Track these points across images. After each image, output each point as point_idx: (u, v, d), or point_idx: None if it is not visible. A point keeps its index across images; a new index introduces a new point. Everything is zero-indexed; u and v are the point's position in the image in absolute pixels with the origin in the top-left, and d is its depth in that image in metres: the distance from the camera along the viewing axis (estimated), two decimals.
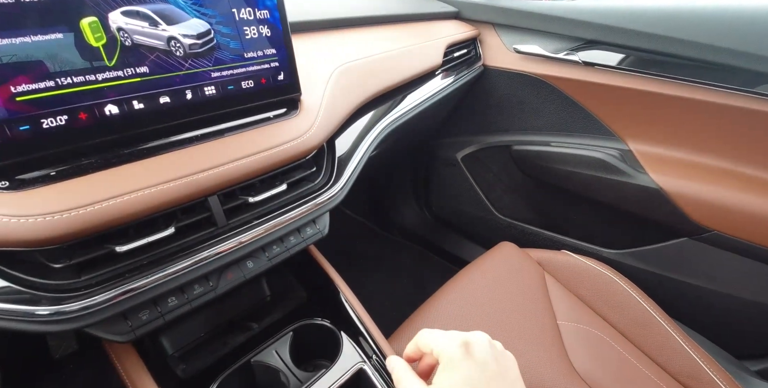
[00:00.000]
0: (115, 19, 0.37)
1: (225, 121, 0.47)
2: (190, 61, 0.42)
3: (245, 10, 0.45)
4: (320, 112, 0.54)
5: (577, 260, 0.80)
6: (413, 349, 0.38)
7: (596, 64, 0.79)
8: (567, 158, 0.87)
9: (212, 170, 0.41)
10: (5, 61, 0.32)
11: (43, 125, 0.35)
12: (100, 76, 0.37)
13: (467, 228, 1.25)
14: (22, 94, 0.33)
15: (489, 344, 0.34)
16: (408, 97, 0.76)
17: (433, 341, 0.34)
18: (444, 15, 0.94)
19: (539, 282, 0.78)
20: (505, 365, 0.33)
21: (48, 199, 0.33)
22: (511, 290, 0.74)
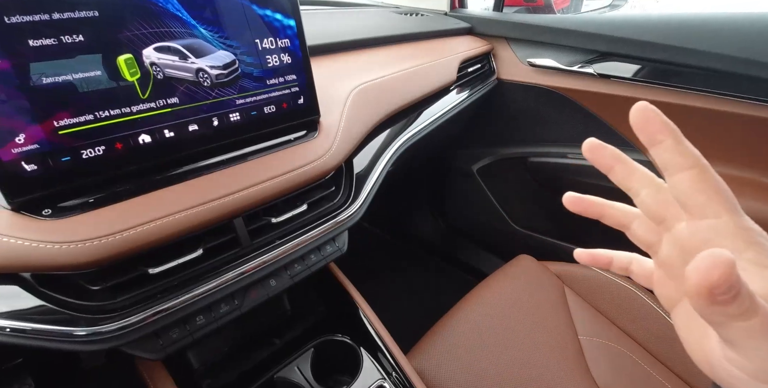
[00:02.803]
0: (148, 55, 0.39)
1: (249, 145, 0.49)
2: (216, 91, 0.45)
3: (267, 40, 0.48)
4: (338, 133, 0.55)
5: (597, 273, 0.79)
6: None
7: (612, 76, 0.79)
8: (584, 170, 0.87)
9: (238, 194, 0.43)
10: (50, 98, 0.35)
11: (82, 156, 0.38)
12: (135, 109, 0.39)
13: (483, 239, 1.25)
14: (64, 128, 0.36)
15: None
16: (423, 113, 0.77)
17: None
18: (457, 31, 0.95)
19: (559, 296, 0.77)
20: None
21: (87, 225, 0.36)
22: (530, 304, 0.74)
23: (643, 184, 0.24)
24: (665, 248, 0.24)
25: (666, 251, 0.24)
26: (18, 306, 0.35)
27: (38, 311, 0.36)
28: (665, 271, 0.25)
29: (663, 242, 0.25)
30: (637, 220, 0.27)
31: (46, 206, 0.36)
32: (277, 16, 0.48)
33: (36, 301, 0.36)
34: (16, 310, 0.35)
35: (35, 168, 0.35)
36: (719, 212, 0.20)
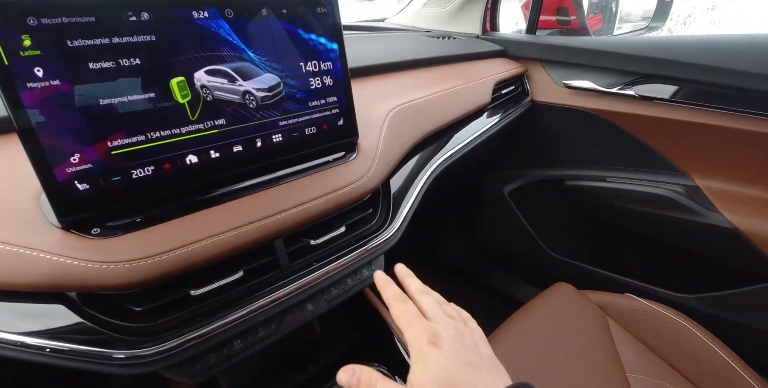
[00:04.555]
0: (199, 78, 0.40)
1: (289, 166, 0.49)
2: (261, 112, 0.45)
3: (311, 63, 0.48)
4: (377, 155, 0.55)
5: (643, 305, 0.74)
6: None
7: (655, 98, 0.76)
8: (626, 195, 0.83)
9: (279, 215, 0.43)
10: (105, 119, 0.36)
11: (132, 176, 0.38)
12: (184, 130, 0.40)
13: (516, 264, 1.20)
14: (117, 148, 0.37)
15: (456, 333, 0.34)
16: (457, 134, 0.76)
17: (404, 326, 0.34)
18: (490, 54, 0.96)
19: (602, 328, 0.72)
20: (475, 347, 0.34)
21: (135, 245, 0.36)
22: (572, 337, 0.69)
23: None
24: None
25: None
26: (60, 325, 0.35)
27: (80, 330, 0.35)
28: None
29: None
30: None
31: (95, 225, 0.37)
32: (321, 40, 0.49)
33: (79, 320, 0.35)
34: (58, 329, 0.35)
35: (87, 187, 0.36)
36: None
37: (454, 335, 0.33)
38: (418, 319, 0.34)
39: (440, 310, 0.36)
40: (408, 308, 0.35)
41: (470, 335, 0.35)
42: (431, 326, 0.34)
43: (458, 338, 0.33)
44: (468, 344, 0.33)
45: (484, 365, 0.32)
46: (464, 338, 0.34)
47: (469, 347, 0.33)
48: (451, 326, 0.34)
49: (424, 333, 0.33)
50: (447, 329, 0.34)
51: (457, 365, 0.31)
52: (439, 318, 0.35)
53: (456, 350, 0.32)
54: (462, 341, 0.33)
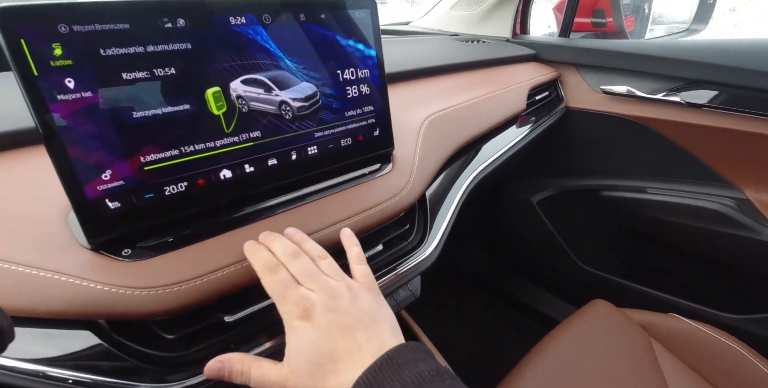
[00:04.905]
0: (235, 88, 0.38)
1: (323, 180, 0.46)
2: (296, 123, 0.42)
3: (349, 71, 0.46)
4: (414, 167, 0.52)
5: (692, 326, 0.69)
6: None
7: (704, 105, 0.72)
8: (670, 207, 0.79)
9: (317, 234, 0.40)
10: (138, 132, 0.33)
11: (165, 192, 0.35)
12: (219, 143, 0.37)
13: (545, 278, 1.15)
14: (150, 164, 0.34)
15: (329, 297, 0.32)
16: (491, 143, 0.73)
17: (276, 298, 0.33)
18: (522, 58, 0.92)
19: (646, 350, 0.68)
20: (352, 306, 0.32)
21: (168, 269, 0.33)
22: (614, 359, 0.65)
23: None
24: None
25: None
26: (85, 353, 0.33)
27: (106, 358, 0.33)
28: None
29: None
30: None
31: (126, 246, 0.34)
32: (359, 46, 0.46)
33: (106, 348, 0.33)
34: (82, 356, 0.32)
35: (118, 206, 0.33)
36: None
37: (326, 302, 0.32)
38: (290, 290, 0.32)
39: (314, 272, 0.34)
40: (279, 278, 0.33)
41: (348, 291, 0.33)
42: (304, 295, 0.32)
43: (332, 304, 0.32)
44: (344, 307, 0.32)
45: (362, 324, 0.31)
46: (340, 301, 0.32)
47: (344, 311, 0.32)
48: (325, 290, 0.33)
49: (296, 307, 0.31)
50: (320, 294, 0.32)
51: (329, 336, 0.30)
52: (313, 281, 0.33)
53: (329, 319, 0.31)
54: (337, 306, 0.32)
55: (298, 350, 0.30)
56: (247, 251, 0.35)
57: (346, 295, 0.33)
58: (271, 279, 0.33)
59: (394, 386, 0.27)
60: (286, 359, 0.31)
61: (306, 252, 0.36)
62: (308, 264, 0.35)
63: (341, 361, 0.29)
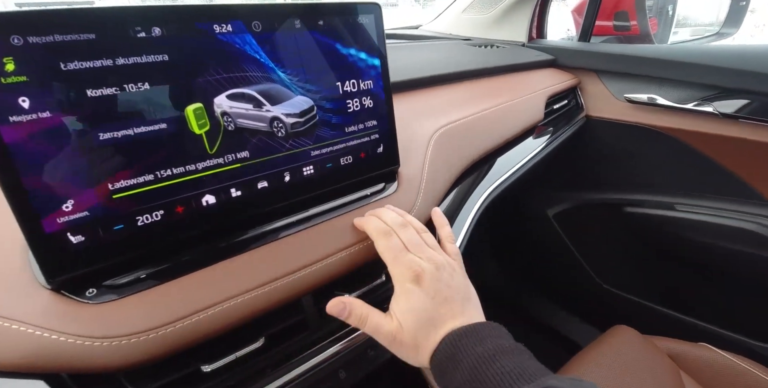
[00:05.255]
0: (219, 104, 0.33)
1: (321, 204, 0.41)
2: (290, 141, 0.38)
3: (350, 83, 0.41)
4: (422, 186, 0.47)
5: (725, 358, 0.63)
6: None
7: (741, 116, 0.66)
8: (702, 227, 0.72)
9: (309, 268, 0.36)
10: (106, 157, 0.29)
11: (138, 223, 0.31)
12: (201, 166, 0.33)
13: (563, 296, 1.08)
14: (120, 191, 0.30)
15: (435, 268, 0.36)
16: (506, 157, 0.68)
17: (390, 261, 0.36)
18: (539, 64, 0.86)
19: (674, 384, 0.62)
20: (451, 280, 0.36)
21: (137, 313, 0.29)
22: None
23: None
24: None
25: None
26: None
27: None
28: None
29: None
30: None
31: (91, 285, 0.30)
32: (361, 55, 0.42)
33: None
34: None
35: (82, 240, 0.29)
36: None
37: (433, 272, 0.36)
38: (402, 254, 0.36)
39: (421, 242, 0.38)
40: (392, 242, 0.37)
41: (448, 266, 0.37)
42: (415, 261, 0.36)
43: (437, 275, 0.36)
44: (445, 279, 0.36)
45: (458, 297, 0.36)
46: (443, 273, 0.36)
47: (446, 283, 0.36)
48: (431, 261, 0.36)
49: (408, 270, 0.35)
50: (428, 264, 0.36)
51: (435, 302, 0.34)
52: (421, 251, 0.37)
53: (435, 288, 0.35)
54: (440, 277, 0.36)
55: (410, 310, 0.34)
56: (359, 221, 0.39)
57: (447, 268, 0.37)
58: (385, 243, 0.37)
59: (475, 350, 0.31)
60: (396, 316, 0.34)
61: (410, 223, 0.39)
62: (415, 235, 0.38)
63: (439, 326, 0.33)
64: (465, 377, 0.30)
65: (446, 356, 0.32)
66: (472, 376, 0.30)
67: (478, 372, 0.30)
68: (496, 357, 0.30)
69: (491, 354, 0.30)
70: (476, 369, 0.30)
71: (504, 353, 0.31)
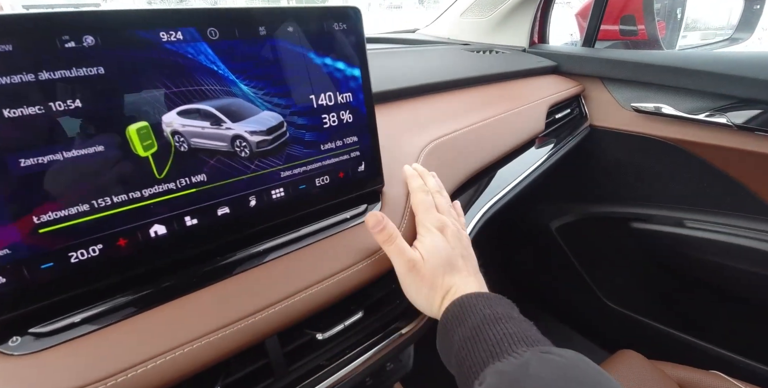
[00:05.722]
0: (169, 122, 0.29)
1: (293, 230, 0.37)
2: (256, 162, 0.34)
3: (325, 95, 0.37)
4: (408, 208, 0.43)
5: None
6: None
7: (758, 129, 0.61)
8: (712, 245, 0.67)
9: (275, 307, 0.31)
10: (29, 186, 0.25)
11: (70, 260, 0.27)
12: (147, 193, 0.29)
13: (566, 314, 1.03)
14: (48, 225, 0.26)
15: (457, 230, 0.40)
16: (504, 170, 0.63)
17: (422, 211, 0.41)
18: (541, 70, 0.82)
19: None
20: (469, 248, 0.41)
21: (68, 366, 0.25)
22: None
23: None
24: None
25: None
26: None
27: None
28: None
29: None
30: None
31: (15, 333, 0.26)
32: (338, 64, 0.38)
33: None
34: None
35: (3, 282, 0.25)
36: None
37: (456, 231, 0.40)
38: (433, 210, 0.41)
39: (450, 211, 0.42)
40: (428, 198, 0.41)
41: (467, 239, 0.42)
42: (442, 217, 0.40)
43: (459, 235, 0.40)
44: (465, 243, 0.40)
45: (471, 261, 0.39)
46: (463, 239, 0.40)
47: (464, 246, 0.40)
48: (456, 225, 0.41)
49: (436, 220, 0.39)
50: (454, 224, 0.40)
51: (454, 253, 0.38)
52: (448, 215, 0.41)
53: (455, 243, 0.39)
54: (461, 238, 0.40)
55: (434, 246, 0.37)
56: (407, 172, 0.44)
57: (465, 240, 0.41)
58: (422, 197, 0.41)
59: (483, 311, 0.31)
60: (420, 249, 0.37)
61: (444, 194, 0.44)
62: (448, 203, 0.43)
63: (456, 273, 0.37)
64: (466, 334, 0.30)
65: (454, 315, 0.32)
66: (473, 333, 0.30)
67: (480, 331, 0.30)
68: (501, 321, 0.30)
69: (498, 317, 0.31)
70: (479, 328, 0.30)
71: (510, 319, 0.31)
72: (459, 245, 0.38)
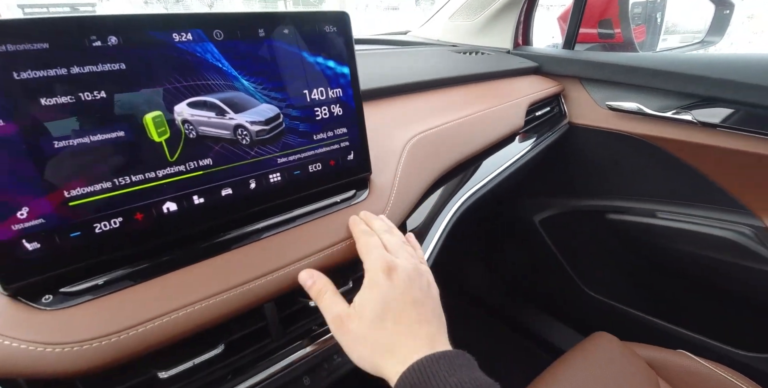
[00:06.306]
0: (180, 112, 0.34)
1: (288, 210, 0.42)
2: (256, 149, 0.38)
3: (317, 91, 0.41)
4: (392, 194, 0.47)
5: (704, 366, 0.63)
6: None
7: (718, 125, 0.66)
8: (682, 235, 0.72)
9: (273, 275, 0.36)
10: (62, 164, 0.29)
11: (95, 230, 0.32)
12: (161, 173, 0.34)
13: (548, 302, 1.08)
14: (76, 199, 0.30)
15: (413, 269, 0.35)
16: (485, 163, 0.68)
17: (364, 251, 0.36)
18: (523, 71, 0.87)
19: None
20: (427, 289, 0.35)
21: (92, 319, 0.29)
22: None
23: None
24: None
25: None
26: None
27: None
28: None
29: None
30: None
31: (47, 291, 0.30)
32: (329, 63, 0.42)
33: None
34: None
35: (38, 247, 0.30)
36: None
37: (410, 271, 0.34)
38: (379, 250, 0.36)
39: (403, 247, 0.38)
40: (372, 240, 0.37)
41: (427, 276, 0.36)
42: (390, 257, 0.35)
43: (413, 275, 0.34)
44: (421, 284, 0.35)
45: (429, 305, 0.34)
46: (419, 278, 0.35)
47: (420, 287, 0.34)
48: (410, 263, 0.35)
49: (382, 262, 0.34)
50: (405, 263, 0.35)
51: (402, 300, 0.32)
52: (400, 253, 0.36)
53: (406, 285, 0.33)
54: (415, 278, 0.34)
55: (370, 299, 0.33)
56: (350, 221, 0.41)
57: (425, 277, 0.36)
58: (365, 240, 0.37)
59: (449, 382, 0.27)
60: (355, 303, 0.33)
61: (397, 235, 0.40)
62: (398, 240, 0.38)
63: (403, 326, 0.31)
64: None
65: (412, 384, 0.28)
66: None
67: None
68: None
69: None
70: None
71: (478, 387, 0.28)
72: (411, 287, 0.33)
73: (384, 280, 0.33)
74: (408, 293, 0.33)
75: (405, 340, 0.31)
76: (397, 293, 0.32)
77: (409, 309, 0.32)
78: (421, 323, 0.32)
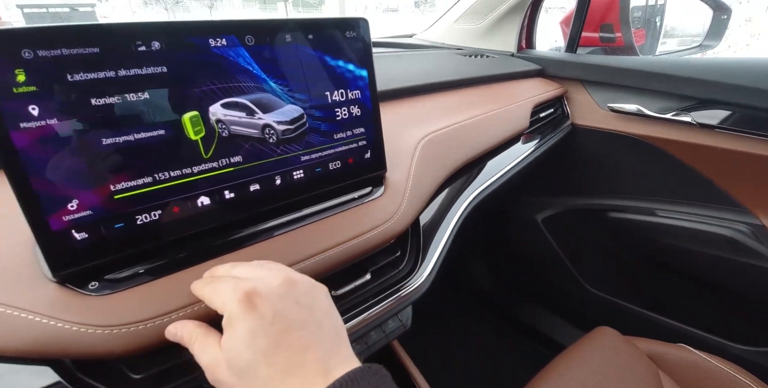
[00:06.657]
0: (214, 112, 0.36)
1: (309, 206, 0.44)
2: (281, 147, 0.41)
3: (338, 92, 0.44)
4: (407, 191, 0.50)
5: (703, 359, 0.66)
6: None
7: (716, 126, 0.69)
8: (680, 232, 0.75)
9: (301, 264, 0.38)
10: (108, 160, 0.32)
11: (137, 222, 0.34)
12: (196, 169, 0.36)
13: (550, 299, 1.11)
14: (121, 192, 0.33)
15: (282, 286, 0.29)
16: (491, 163, 0.70)
17: (214, 296, 0.29)
18: (527, 73, 0.90)
19: (653, 384, 0.64)
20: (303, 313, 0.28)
21: (135, 304, 0.31)
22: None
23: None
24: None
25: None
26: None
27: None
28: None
29: None
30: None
31: (93, 279, 0.33)
32: (349, 66, 0.44)
33: None
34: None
35: (86, 237, 0.32)
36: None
37: (276, 288, 0.28)
38: (230, 284, 0.29)
39: (262, 267, 0.31)
40: (220, 282, 0.30)
41: (302, 284, 0.30)
42: (248, 283, 0.28)
43: (282, 292, 0.28)
44: (297, 298, 0.28)
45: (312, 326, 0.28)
46: (293, 290, 0.29)
47: (297, 301, 0.28)
48: (277, 277, 0.29)
49: (239, 293, 0.27)
50: (270, 281, 0.29)
51: (274, 331, 0.26)
52: (259, 274, 0.30)
53: (277, 309, 0.27)
54: (287, 294, 0.28)
55: (235, 340, 0.26)
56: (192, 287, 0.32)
57: (299, 285, 0.30)
58: (211, 288, 0.30)
59: None
60: (224, 350, 0.27)
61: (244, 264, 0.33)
62: (253, 265, 0.32)
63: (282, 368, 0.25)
64: None
65: None
66: None
67: None
68: None
69: None
70: None
71: None
72: (284, 309, 0.27)
73: (245, 312, 0.27)
74: (280, 318, 0.27)
75: (290, 379, 0.25)
76: (265, 324, 0.26)
77: (285, 338, 0.26)
78: (306, 349, 0.26)
